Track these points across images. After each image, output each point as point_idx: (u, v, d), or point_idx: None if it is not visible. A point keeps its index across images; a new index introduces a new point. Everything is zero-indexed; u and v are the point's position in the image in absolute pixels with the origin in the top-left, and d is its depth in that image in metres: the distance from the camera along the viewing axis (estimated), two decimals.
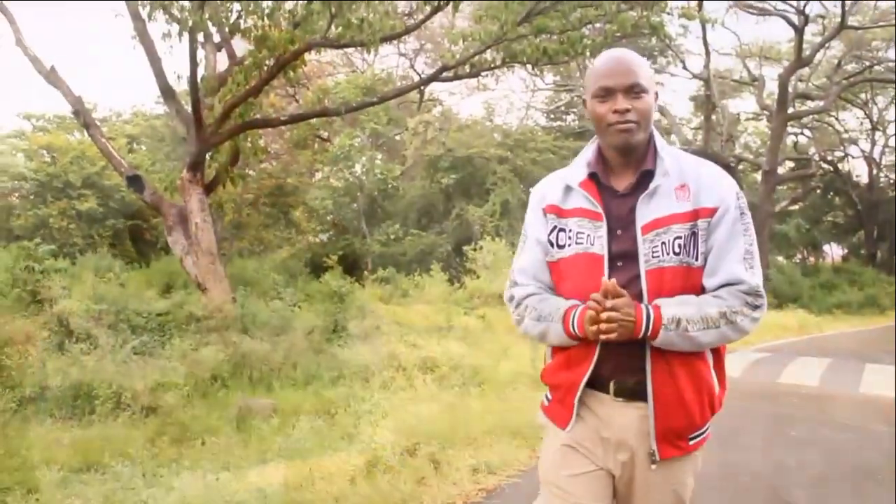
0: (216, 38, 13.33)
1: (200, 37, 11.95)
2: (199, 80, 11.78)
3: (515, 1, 12.14)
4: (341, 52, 26.38)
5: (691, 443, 2.43)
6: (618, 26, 12.58)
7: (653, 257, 2.32)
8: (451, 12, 12.48)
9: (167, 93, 12.95)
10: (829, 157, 37.17)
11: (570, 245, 2.43)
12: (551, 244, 2.48)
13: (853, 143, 37.89)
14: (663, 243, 2.32)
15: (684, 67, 30.53)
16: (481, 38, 12.36)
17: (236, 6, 11.28)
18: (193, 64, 11.47)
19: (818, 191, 37.14)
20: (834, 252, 40.97)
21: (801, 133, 36.36)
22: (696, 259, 2.34)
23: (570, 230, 2.43)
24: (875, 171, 37.35)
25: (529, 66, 15.10)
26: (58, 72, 13.09)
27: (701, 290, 2.35)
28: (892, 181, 39.22)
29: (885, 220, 35.47)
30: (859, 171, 38.21)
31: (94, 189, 24.14)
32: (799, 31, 25.75)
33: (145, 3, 10.49)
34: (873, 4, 27.60)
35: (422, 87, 17.84)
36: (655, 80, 2.60)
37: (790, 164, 34.72)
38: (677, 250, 2.32)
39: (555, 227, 2.47)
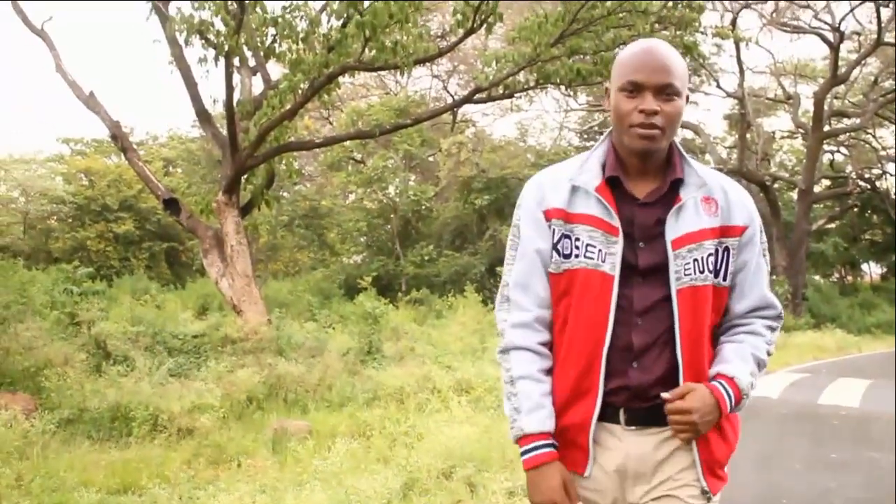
0: (251, 63, 13.46)
1: (236, 61, 12.06)
2: (234, 103, 11.90)
3: (549, 22, 12.15)
4: (375, 75, 26.52)
5: (726, 470, 2.22)
6: None
7: (685, 275, 2.10)
8: (485, 34, 12.50)
9: (203, 116, 13.10)
10: (867, 175, 36.75)
11: (577, 256, 2.14)
12: (558, 253, 2.17)
13: (891, 161, 37.44)
14: (696, 260, 2.11)
15: (718, 86, 30.35)
16: (514, 60, 12.38)
17: (271, 30, 11.39)
18: (229, 88, 11.59)
19: (855, 209, 36.71)
20: (872, 271, 40.50)
21: (838, 151, 36.01)
22: (725, 279, 2.16)
23: (580, 239, 2.14)
24: None
25: (563, 87, 15.09)
26: (96, 97, 13.28)
27: (725, 314, 2.21)
28: None
29: None
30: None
31: (131, 212, 24.47)
32: (834, 49, 25.57)
33: (182, 29, 10.60)
34: None
35: (455, 109, 17.90)
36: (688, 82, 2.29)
37: (826, 182, 34.41)
38: (711, 268, 2.13)
39: (561, 234, 2.16)
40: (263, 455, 7.34)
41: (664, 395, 2.05)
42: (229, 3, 10.90)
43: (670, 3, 12.61)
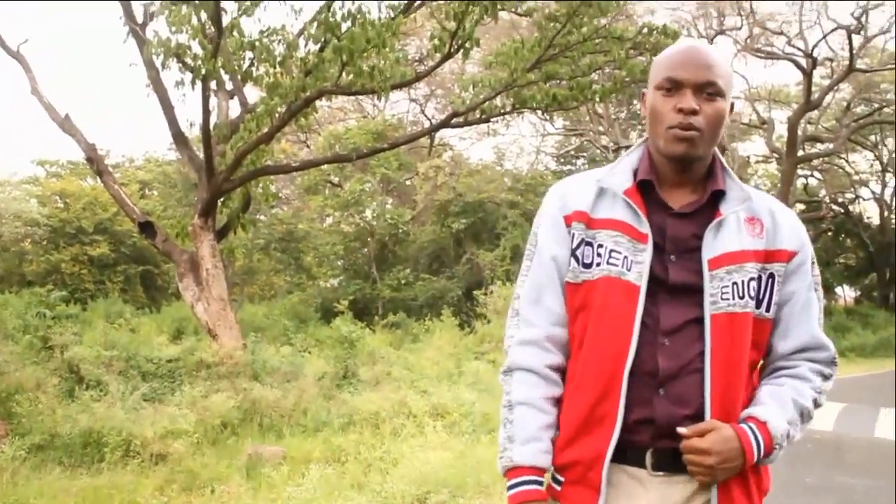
0: (228, 86, 13.45)
1: (213, 84, 12.06)
2: (211, 127, 11.87)
3: (525, 48, 12.23)
4: (352, 99, 26.58)
5: None
6: (626, 72, 12.65)
7: (721, 299, 1.86)
8: (462, 59, 12.57)
9: (180, 139, 13.06)
10: (840, 200, 37.15)
11: (599, 265, 1.91)
12: (576, 260, 1.94)
13: (864, 185, 37.90)
14: (735, 283, 1.87)
15: None
16: (491, 85, 12.44)
17: (249, 54, 11.40)
18: (206, 111, 11.57)
19: (829, 233, 37.02)
20: (846, 294, 40.78)
21: (812, 175, 36.39)
22: (768, 310, 1.93)
23: (602, 245, 1.91)
24: (886, 213, 37.29)
25: (539, 112, 15.18)
26: (72, 120, 13.23)
27: (768, 353, 1.98)
28: None
29: None
30: (870, 212, 38.20)
31: (107, 235, 24.33)
32: (807, 75, 25.87)
33: (159, 52, 10.59)
34: (881, 47, 27.71)
35: (432, 133, 17.96)
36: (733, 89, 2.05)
37: (801, 206, 34.71)
38: (752, 294, 1.89)
39: (581, 240, 1.94)
40: (237, 481, 7.28)
41: (681, 430, 1.80)
42: (206, 26, 10.91)
43: (645, 30, 12.73)
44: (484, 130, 29.34)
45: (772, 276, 1.93)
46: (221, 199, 12.87)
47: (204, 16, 10.84)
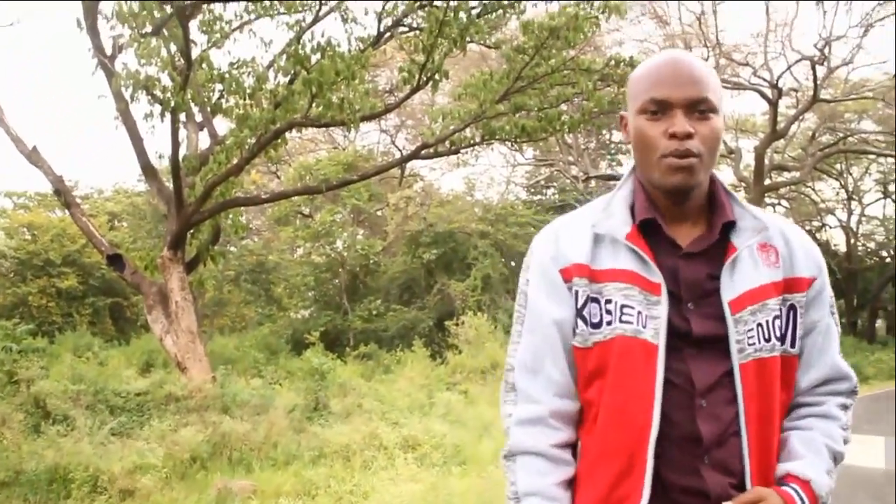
0: (198, 118, 13.46)
1: (182, 116, 12.04)
2: (180, 159, 11.85)
3: (494, 80, 12.34)
4: (323, 130, 26.64)
5: None
6: (595, 103, 12.78)
7: (748, 345, 1.65)
8: (431, 91, 12.65)
9: (149, 171, 13.01)
10: (807, 227, 37.52)
11: (610, 323, 1.67)
12: (584, 321, 1.69)
13: (830, 213, 38.36)
14: (760, 325, 1.67)
15: None
16: (460, 116, 12.53)
17: (218, 86, 11.42)
18: (175, 143, 11.55)
19: None
20: None
21: (779, 203, 36.76)
22: (794, 346, 1.73)
23: (612, 301, 1.67)
24: (853, 241, 37.76)
25: (509, 143, 15.29)
26: (39, 152, 13.15)
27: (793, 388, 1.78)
28: (869, 250, 39.70)
29: (865, 289, 35.86)
30: (837, 240, 38.64)
31: (75, 267, 24.09)
32: (773, 105, 26.18)
33: (128, 84, 10.57)
34: (844, 78, 28.15)
35: (402, 164, 18.00)
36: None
37: None
38: (778, 334, 1.70)
39: (587, 297, 1.69)
40: None
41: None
42: (176, 58, 10.92)
43: (612, 62, 12.88)
44: (454, 161, 29.52)
45: (793, 307, 1.73)
46: (191, 231, 12.83)
47: (173, 48, 10.88)
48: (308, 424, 10.76)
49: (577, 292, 1.70)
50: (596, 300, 1.68)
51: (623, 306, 1.66)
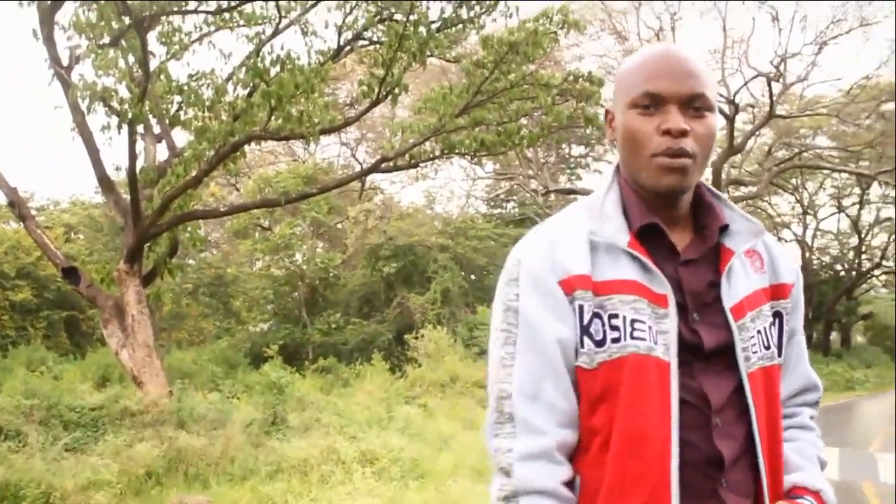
0: (156, 130, 13.35)
1: (140, 128, 11.95)
2: (138, 171, 11.75)
3: (453, 94, 12.38)
4: (283, 142, 26.57)
5: None
6: (553, 118, 12.86)
7: (753, 353, 1.56)
8: (391, 104, 12.66)
9: (105, 184, 12.89)
10: None
11: (618, 341, 1.50)
12: (590, 338, 1.51)
13: (786, 227, 38.88)
14: (759, 332, 1.59)
15: None
16: (420, 130, 12.55)
17: (177, 98, 11.35)
18: (132, 155, 11.46)
19: None
20: None
21: None
22: (780, 354, 1.65)
23: (619, 315, 1.50)
24: (807, 254, 38.30)
25: (468, 157, 15.34)
26: None
27: None
28: (823, 264, 40.30)
29: (819, 302, 36.36)
30: (793, 254, 39.11)
31: (29, 280, 23.77)
32: (730, 120, 26.49)
33: (85, 96, 10.47)
34: (799, 94, 28.57)
35: (362, 177, 17.98)
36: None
37: None
38: (775, 341, 1.63)
39: (593, 313, 1.51)
40: None
41: None
42: (134, 70, 10.84)
43: (571, 77, 12.97)
44: (414, 174, 29.51)
45: (778, 314, 1.66)
46: (148, 244, 12.72)
47: (131, 59, 10.79)
48: (266, 439, 10.69)
49: (581, 307, 1.51)
50: (598, 316, 1.51)
51: (634, 321, 1.50)
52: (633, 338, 1.48)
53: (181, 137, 13.69)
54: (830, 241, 40.43)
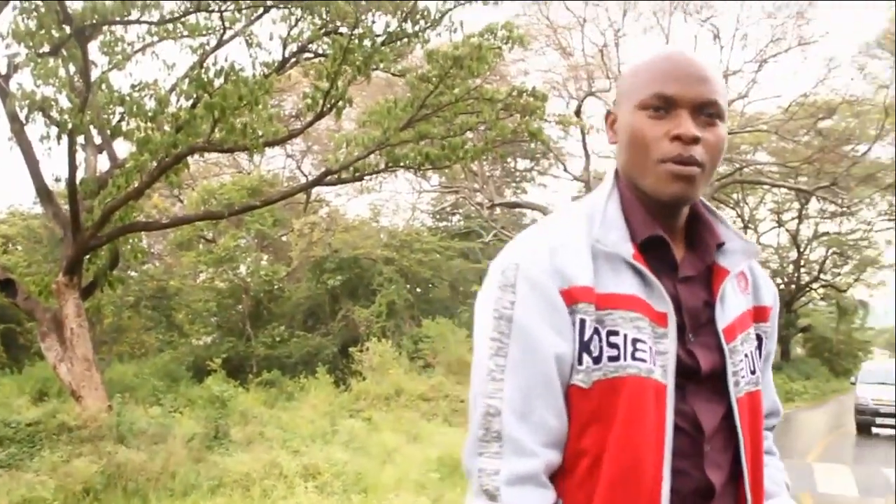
0: (97, 140, 13.18)
1: (81, 139, 11.79)
2: (78, 182, 11.59)
3: (398, 107, 12.41)
4: (228, 154, 26.39)
5: None
6: (497, 132, 12.94)
7: (741, 378, 1.50)
8: (336, 117, 12.64)
9: (44, 195, 12.68)
10: None
11: (615, 359, 1.40)
12: (588, 355, 1.40)
13: None
14: (746, 356, 1.53)
15: (565, 170, 31.42)
16: (364, 143, 12.54)
17: (119, 109, 11.22)
18: (72, 166, 11.30)
19: None
20: None
21: None
22: (763, 377, 1.60)
23: (619, 333, 1.40)
24: None
25: (413, 170, 15.37)
26: None
27: None
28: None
29: None
30: None
31: None
32: None
33: (23, 105, 10.31)
34: (740, 111, 29.07)
35: (308, 190, 17.92)
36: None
37: None
38: (760, 365, 1.58)
39: (594, 328, 1.40)
40: None
41: None
42: (75, 79, 10.70)
43: (515, 92, 13.07)
44: (360, 187, 29.46)
45: (759, 337, 1.60)
46: (88, 256, 12.54)
47: (72, 68, 10.65)
48: (207, 453, 10.58)
49: (582, 321, 1.40)
50: (596, 331, 1.40)
51: (636, 340, 1.40)
52: (634, 358, 1.39)
53: (123, 148, 13.53)
54: (770, 255, 41.13)
